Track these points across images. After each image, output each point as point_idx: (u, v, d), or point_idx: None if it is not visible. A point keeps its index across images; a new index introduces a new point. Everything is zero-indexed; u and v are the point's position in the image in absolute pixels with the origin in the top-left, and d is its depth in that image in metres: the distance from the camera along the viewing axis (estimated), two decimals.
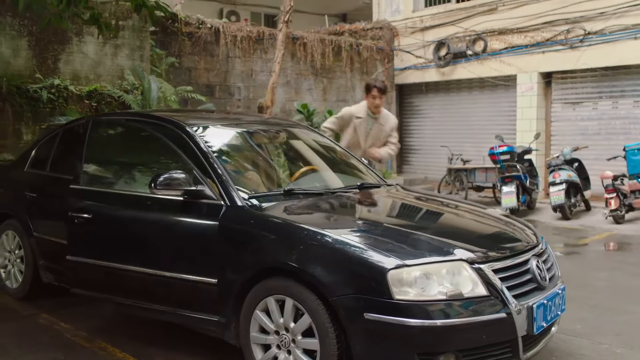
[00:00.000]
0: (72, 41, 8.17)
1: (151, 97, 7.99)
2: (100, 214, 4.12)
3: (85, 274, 4.22)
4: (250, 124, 4.68)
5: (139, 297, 3.88)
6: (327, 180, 4.32)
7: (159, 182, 3.51)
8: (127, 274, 3.87)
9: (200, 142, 3.91)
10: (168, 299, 3.71)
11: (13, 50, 7.75)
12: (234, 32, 10.16)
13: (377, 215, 3.88)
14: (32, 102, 7.64)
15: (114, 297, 4.04)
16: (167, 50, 9.42)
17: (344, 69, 11.98)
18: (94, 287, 4.21)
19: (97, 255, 4.10)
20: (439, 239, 3.25)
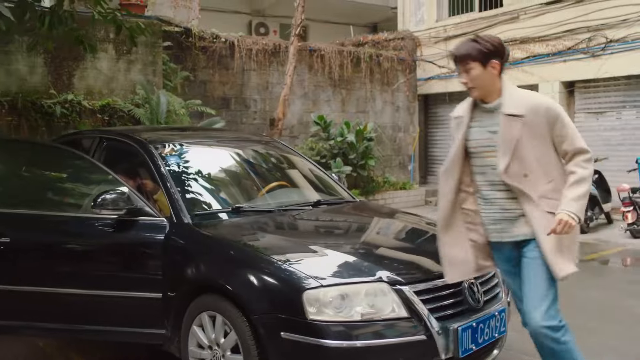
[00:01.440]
0: (86, 58, 8.45)
1: (160, 111, 8.20)
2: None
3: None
4: (218, 141, 4.78)
5: (76, 320, 3.82)
6: (287, 196, 4.36)
7: (99, 202, 3.60)
8: (61, 297, 3.79)
9: (157, 160, 4.02)
10: (113, 318, 3.76)
11: (29, 67, 8.09)
12: (249, 45, 10.33)
13: (311, 234, 3.91)
14: (47, 116, 7.95)
15: (39, 324, 3.87)
16: (181, 64, 9.65)
17: (364, 80, 11.99)
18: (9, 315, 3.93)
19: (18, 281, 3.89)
20: (362, 260, 3.26)
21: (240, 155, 4.65)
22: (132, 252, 3.75)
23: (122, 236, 3.76)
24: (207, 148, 4.59)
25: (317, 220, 4.10)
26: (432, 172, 13.84)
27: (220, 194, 4.16)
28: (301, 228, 3.98)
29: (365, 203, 4.66)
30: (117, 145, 4.46)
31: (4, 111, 7.77)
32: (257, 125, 10.59)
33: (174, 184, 3.88)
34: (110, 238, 3.79)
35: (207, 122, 8.62)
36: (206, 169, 4.29)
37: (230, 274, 3.26)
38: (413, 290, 3.10)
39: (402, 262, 3.36)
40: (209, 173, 4.26)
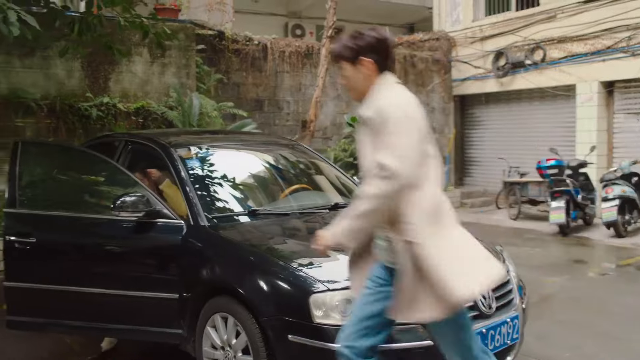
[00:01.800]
0: (121, 61, 8.66)
1: (192, 113, 8.34)
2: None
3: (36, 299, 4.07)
4: (240, 144, 4.85)
5: (98, 318, 3.94)
6: (306, 199, 4.38)
7: (118, 204, 3.70)
8: (88, 297, 3.91)
9: (177, 163, 4.11)
10: (133, 317, 3.86)
11: (67, 71, 8.33)
12: (282, 47, 10.41)
13: None
14: (83, 119, 8.18)
15: (65, 322, 4.00)
16: (215, 67, 9.79)
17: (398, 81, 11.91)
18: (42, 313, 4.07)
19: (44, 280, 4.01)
20: None
21: (261, 158, 4.70)
22: (150, 254, 3.85)
23: (140, 238, 3.86)
24: (228, 151, 4.66)
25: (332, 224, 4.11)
26: (468, 173, 13.68)
27: (238, 197, 4.21)
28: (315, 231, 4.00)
29: None
30: (141, 148, 4.57)
31: (43, 114, 8.03)
32: (290, 127, 10.66)
33: (192, 186, 3.96)
34: (129, 239, 3.90)
35: (238, 125, 8.73)
36: (225, 171, 4.36)
37: (241, 276, 3.32)
38: None
39: None
40: (228, 176, 4.32)
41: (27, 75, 8.09)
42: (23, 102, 7.86)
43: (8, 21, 3.73)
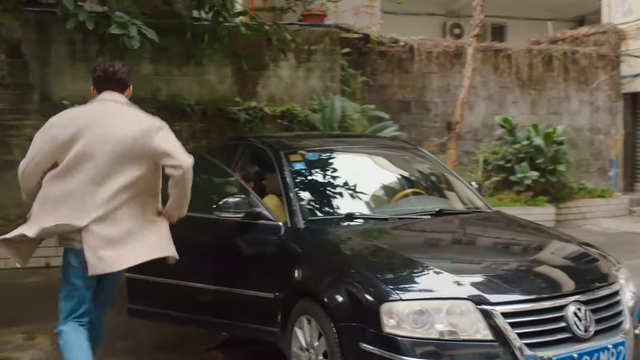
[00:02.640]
0: (269, 67, 9.08)
1: (334, 116, 8.49)
2: None
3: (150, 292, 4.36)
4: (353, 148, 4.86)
5: (205, 312, 4.17)
6: (409, 204, 4.28)
7: (221, 205, 3.88)
8: (195, 291, 4.14)
9: (283, 165, 4.22)
10: (235, 313, 4.03)
11: (219, 77, 8.90)
12: (429, 48, 10.22)
13: (413, 245, 3.77)
14: (232, 122, 8.69)
15: (176, 313, 4.28)
16: (361, 69, 9.87)
17: (556, 80, 11.17)
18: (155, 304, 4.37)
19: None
20: (453, 276, 3.10)
21: (373, 162, 4.68)
22: (249, 253, 4.00)
23: (240, 237, 4.02)
24: (339, 154, 4.69)
25: (428, 231, 3.98)
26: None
27: (339, 200, 4.22)
28: (407, 238, 3.88)
29: (499, 214, 4.38)
30: (256, 151, 4.76)
31: (196, 118, 8.67)
32: (437, 129, 10.44)
33: (294, 189, 4.04)
34: (231, 239, 4.08)
35: (378, 127, 8.72)
36: (331, 175, 4.40)
37: (322, 279, 3.34)
38: (502, 311, 2.90)
39: (498, 281, 3.14)
40: (332, 179, 4.35)
41: (184, 83, 8.77)
42: (179, 106, 8.54)
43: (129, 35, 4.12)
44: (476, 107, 10.69)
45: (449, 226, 4.04)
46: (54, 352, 4.51)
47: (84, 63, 8.39)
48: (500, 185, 10.12)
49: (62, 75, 8.34)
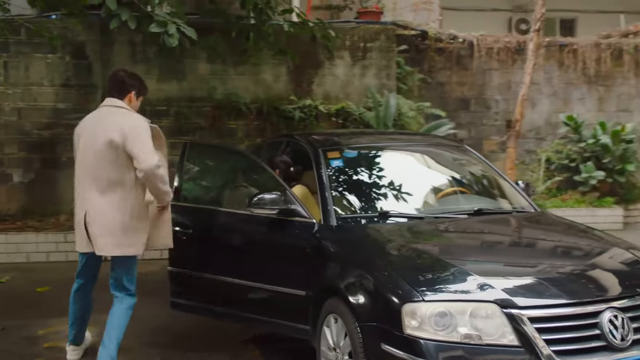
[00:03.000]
0: (324, 65, 9.07)
1: (389, 114, 8.39)
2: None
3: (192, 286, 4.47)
4: (399, 145, 4.78)
5: (240, 308, 4.18)
6: (448, 203, 4.17)
7: (254, 201, 3.88)
8: (231, 286, 4.17)
9: (321, 162, 4.19)
10: (269, 309, 4.04)
11: (274, 76, 8.97)
12: (490, 44, 9.95)
13: (445, 245, 3.65)
14: (287, 120, 8.74)
15: (214, 307, 4.32)
16: (418, 67, 9.72)
17: (626, 75, 10.64)
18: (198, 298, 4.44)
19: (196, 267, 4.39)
20: (480, 277, 2.98)
21: (411, 160, 4.59)
22: (283, 250, 3.98)
23: (274, 234, 4.02)
24: (379, 152, 4.62)
25: (462, 231, 3.85)
26: None
27: (374, 198, 4.16)
28: (439, 237, 3.76)
29: (543, 215, 4.19)
30: (297, 148, 4.75)
31: (252, 116, 8.77)
32: (498, 127, 10.16)
33: (329, 186, 4.01)
34: (265, 235, 4.09)
35: (433, 125, 8.56)
36: (369, 172, 4.34)
37: (347, 278, 3.28)
38: (529, 316, 2.77)
39: (527, 284, 3.00)
40: (370, 177, 4.30)
41: (240, 82, 8.89)
42: (235, 105, 8.67)
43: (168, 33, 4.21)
44: (539, 104, 10.33)
45: (485, 226, 3.90)
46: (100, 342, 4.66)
47: (144, 63, 8.64)
48: (564, 185, 9.74)
49: None
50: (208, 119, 8.71)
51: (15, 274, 6.73)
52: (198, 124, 8.70)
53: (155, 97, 8.66)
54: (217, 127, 8.72)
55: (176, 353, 4.48)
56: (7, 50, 8.38)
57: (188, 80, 8.75)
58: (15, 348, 4.55)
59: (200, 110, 8.67)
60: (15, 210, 8.32)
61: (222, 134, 8.70)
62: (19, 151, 8.42)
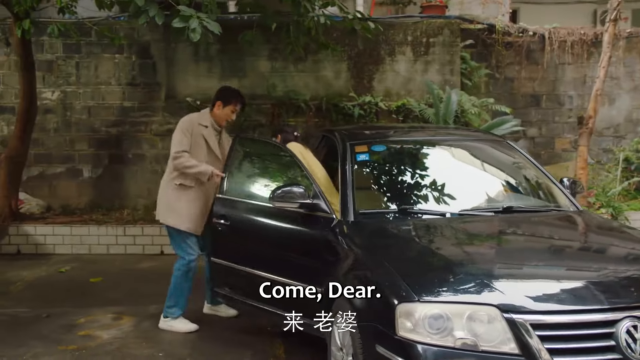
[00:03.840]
0: (385, 61, 8.90)
1: (450, 110, 8.11)
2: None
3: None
4: (426, 139, 4.58)
5: (264, 301, 3.98)
6: (476, 200, 3.92)
7: (276, 195, 3.81)
8: (256, 279, 4.08)
9: (347, 156, 4.07)
10: (288, 305, 3.94)
11: (335, 73, 8.90)
12: (563, 36, 9.41)
13: (461, 244, 3.41)
14: (347, 117, 8.64)
15: (244, 299, 4.34)
16: (485, 62, 9.35)
17: None
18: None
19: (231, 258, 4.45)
20: (487, 279, 2.77)
21: (444, 154, 4.38)
22: (301, 245, 3.90)
23: (295, 228, 3.92)
24: (409, 146, 4.46)
25: (483, 229, 3.60)
26: None
27: (397, 193, 4.00)
28: (455, 236, 3.54)
29: (582, 215, 3.85)
30: (331, 142, 4.65)
31: (311, 113, 8.74)
32: (571, 125, 9.58)
33: (352, 181, 3.88)
34: (286, 229, 4.01)
35: (496, 122, 8.18)
36: (394, 167, 4.20)
37: (352, 275, 3.16)
38: (532, 322, 2.54)
39: (537, 288, 2.76)
40: (394, 171, 4.16)
41: (300, 79, 8.88)
42: (294, 102, 8.66)
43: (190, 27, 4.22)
44: (618, 100, 9.69)
45: (509, 225, 3.63)
46: (132, 332, 4.76)
47: (206, 62, 8.82)
48: None
49: (186, 74, 8.82)
50: (268, 116, 8.75)
51: (75, 265, 7.01)
52: (258, 121, 8.75)
53: None
54: (277, 124, 8.73)
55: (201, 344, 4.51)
56: (79, 51, 8.78)
57: (249, 78, 8.83)
58: (53, 335, 4.71)
59: (260, 107, 8.71)
60: (84, 204, 8.70)
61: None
62: (89, 147, 8.80)
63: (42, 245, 7.58)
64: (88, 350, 4.39)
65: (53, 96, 8.76)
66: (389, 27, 8.87)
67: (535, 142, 9.60)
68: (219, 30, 4.69)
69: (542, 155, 9.55)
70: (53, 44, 8.71)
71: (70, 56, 8.76)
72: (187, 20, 4.43)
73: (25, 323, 5.00)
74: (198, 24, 4.41)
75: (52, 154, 8.77)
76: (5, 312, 5.30)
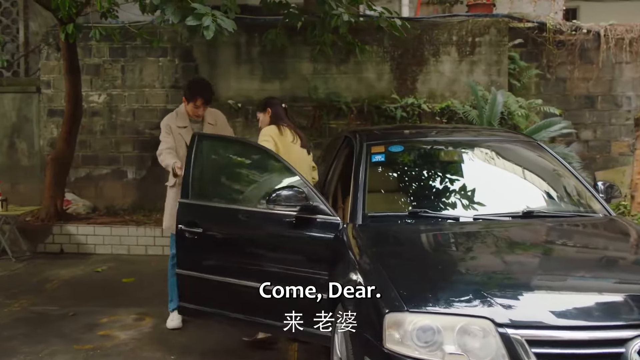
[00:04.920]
0: (429, 62, 8.67)
1: (495, 112, 7.80)
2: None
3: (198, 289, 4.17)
4: (449, 139, 4.36)
5: (255, 312, 3.86)
6: (495, 202, 3.66)
7: (272, 198, 3.61)
8: (243, 289, 3.82)
9: (362, 157, 3.91)
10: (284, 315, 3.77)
11: (377, 74, 8.73)
12: (621, 34, 8.91)
13: (466, 249, 3.19)
14: (389, 120, 8.46)
15: (226, 313, 4.05)
16: (536, 62, 8.96)
17: None
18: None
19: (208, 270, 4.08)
20: (484, 289, 2.55)
21: (465, 155, 4.14)
22: (301, 250, 3.70)
23: (293, 233, 3.71)
24: (428, 147, 4.25)
25: (494, 234, 3.34)
26: None
27: (410, 195, 3.80)
28: (463, 241, 3.32)
29: (612, 222, 3.52)
30: (350, 143, 4.49)
31: (352, 116, 8.60)
32: (629, 127, 9.05)
33: (363, 183, 3.71)
34: (281, 234, 3.79)
35: (543, 124, 7.77)
36: (410, 168, 4.01)
37: (349, 281, 3.00)
38: (529, 338, 2.32)
39: (538, 301, 2.52)
40: (410, 173, 3.97)
41: (342, 80, 8.76)
42: (336, 105, 8.55)
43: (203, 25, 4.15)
44: None
45: (524, 231, 3.38)
46: (149, 334, 4.74)
47: (247, 64, 8.82)
48: None
49: (227, 76, 8.85)
50: (309, 118, 8.66)
51: (112, 265, 7.11)
52: (299, 123, 8.59)
53: (258, 97, 8.76)
54: (318, 127, 8.65)
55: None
56: (125, 55, 8.95)
57: (290, 80, 8.78)
58: (74, 334, 4.75)
59: (301, 109, 8.63)
60: (128, 205, 8.86)
61: (322, 133, 8.61)
62: (133, 149, 8.96)
63: (84, 245, 7.74)
64: (102, 350, 4.40)
65: (100, 99, 8.96)
66: (433, 27, 8.66)
67: (590, 145, 9.12)
68: (233, 28, 4.62)
69: (597, 159, 9.09)
70: (100, 48, 8.91)
71: (116, 60, 8.94)
72: (201, 18, 4.38)
73: (51, 320, 5.08)
74: (212, 21, 4.35)
75: (98, 155, 8.97)
76: (36, 309, 5.40)
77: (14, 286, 6.19)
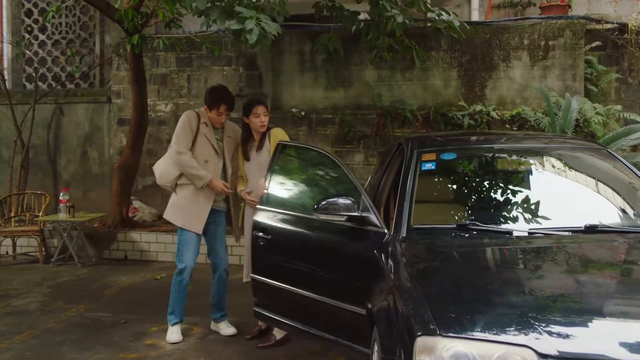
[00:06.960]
0: (499, 67, 8.29)
1: (569, 119, 7.35)
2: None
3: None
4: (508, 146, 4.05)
5: (308, 322, 3.82)
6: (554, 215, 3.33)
7: (321, 206, 3.48)
8: (299, 298, 3.82)
9: (411, 165, 3.68)
10: (331, 327, 3.63)
11: (444, 81, 8.42)
12: None
13: (506, 269, 2.87)
14: (456, 128, 8.13)
15: (286, 320, 4.04)
16: (616, 65, 8.39)
17: None
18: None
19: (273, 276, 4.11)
20: (529, 314, 2.27)
21: (524, 164, 3.82)
22: (348, 262, 3.55)
23: (341, 243, 3.59)
24: (485, 154, 3.95)
25: (550, 252, 3.01)
26: None
27: (460, 206, 3.53)
28: (512, 259, 3.00)
29: None
30: (402, 150, 4.26)
31: (417, 123, 8.32)
32: None
33: (410, 192, 3.47)
34: (331, 244, 3.68)
35: (622, 131, 7.23)
36: (462, 178, 3.74)
37: (382, 299, 2.78)
38: None
39: (588, 329, 2.21)
40: (462, 182, 3.70)
41: (407, 87, 8.51)
42: (400, 112, 8.30)
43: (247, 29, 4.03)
44: None
45: (585, 248, 3.03)
46: (195, 345, 4.66)
47: (311, 72, 8.72)
48: None
49: (291, 84, 8.78)
50: (373, 126, 8.45)
51: (172, 273, 6.98)
52: (363, 132, 8.49)
53: (322, 105, 8.69)
54: (382, 135, 8.42)
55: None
56: (191, 64, 9.06)
57: (354, 88, 8.62)
58: (122, 342, 4.74)
59: (365, 118, 8.45)
60: None
61: (386, 142, 8.38)
62: None
63: (146, 252, 7.82)
64: None
65: (166, 108, 9.09)
66: (503, 31, 8.27)
67: None
68: (278, 31, 4.49)
69: None
70: (167, 58, 9.05)
71: (182, 69, 9.05)
72: (244, 21, 4.27)
73: (102, 327, 5.10)
74: (255, 25, 4.23)
75: None
76: (90, 315, 5.45)
77: (75, 291, 6.30)
